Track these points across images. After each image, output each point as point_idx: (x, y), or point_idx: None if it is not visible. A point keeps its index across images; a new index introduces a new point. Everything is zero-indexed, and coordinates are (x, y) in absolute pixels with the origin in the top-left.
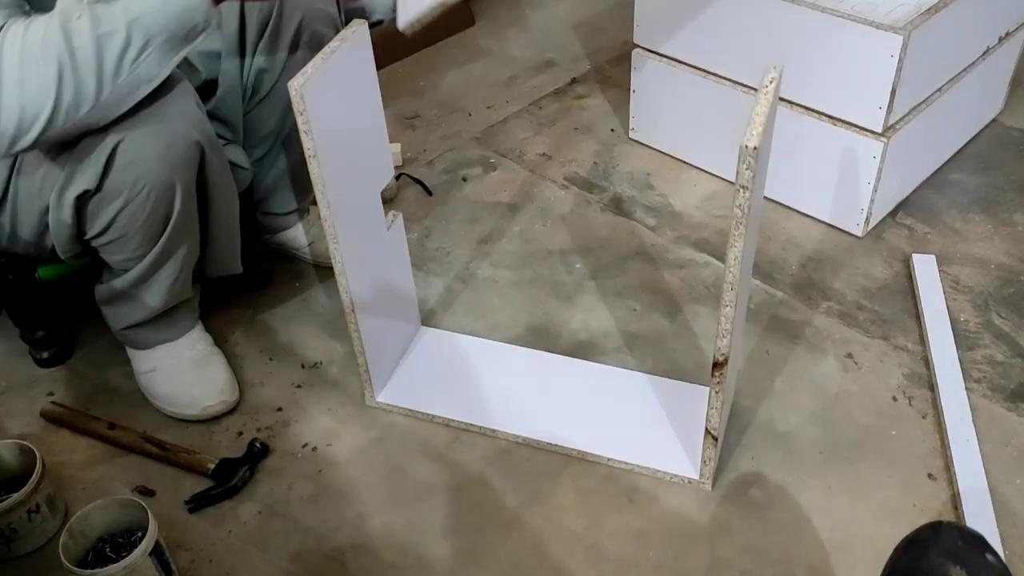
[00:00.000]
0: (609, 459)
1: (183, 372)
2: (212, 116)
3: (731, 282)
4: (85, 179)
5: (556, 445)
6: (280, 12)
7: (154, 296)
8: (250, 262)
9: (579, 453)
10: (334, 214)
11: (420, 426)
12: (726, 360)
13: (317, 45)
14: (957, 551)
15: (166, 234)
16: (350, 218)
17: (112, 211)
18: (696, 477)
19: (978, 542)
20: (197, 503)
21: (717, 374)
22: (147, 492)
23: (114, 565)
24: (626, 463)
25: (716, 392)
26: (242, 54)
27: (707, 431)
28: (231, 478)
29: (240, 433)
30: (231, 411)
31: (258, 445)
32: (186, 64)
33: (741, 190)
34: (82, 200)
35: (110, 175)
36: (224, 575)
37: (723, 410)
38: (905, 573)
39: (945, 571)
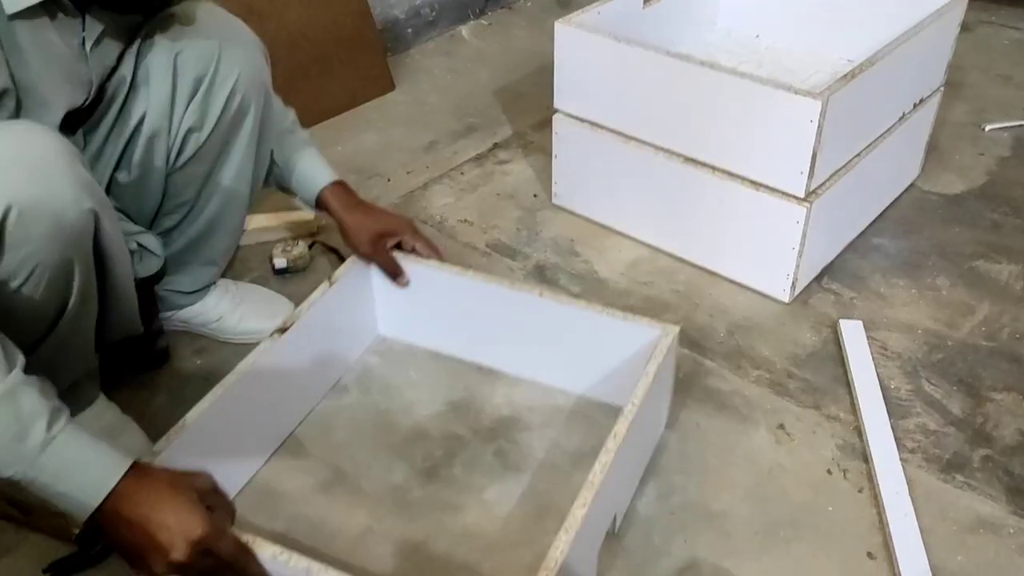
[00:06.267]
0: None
1: None
2: (125, 196)
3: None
4: None
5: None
6: (216, 68)
7: (57, 375)
8: (145, 339)
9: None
10: None
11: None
12: None
13: (242, 114)
14: None
15: (66, 314)
16: None
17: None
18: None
19: None
20: (55, 572)
21: None
22: None
23: None
24: None
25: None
26: (172, 110)
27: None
28: (95, 545)
29: None
30: None
31: None
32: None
33: None
34: None
35: (3, 254)
36: None
37: None
38: None
39: None
